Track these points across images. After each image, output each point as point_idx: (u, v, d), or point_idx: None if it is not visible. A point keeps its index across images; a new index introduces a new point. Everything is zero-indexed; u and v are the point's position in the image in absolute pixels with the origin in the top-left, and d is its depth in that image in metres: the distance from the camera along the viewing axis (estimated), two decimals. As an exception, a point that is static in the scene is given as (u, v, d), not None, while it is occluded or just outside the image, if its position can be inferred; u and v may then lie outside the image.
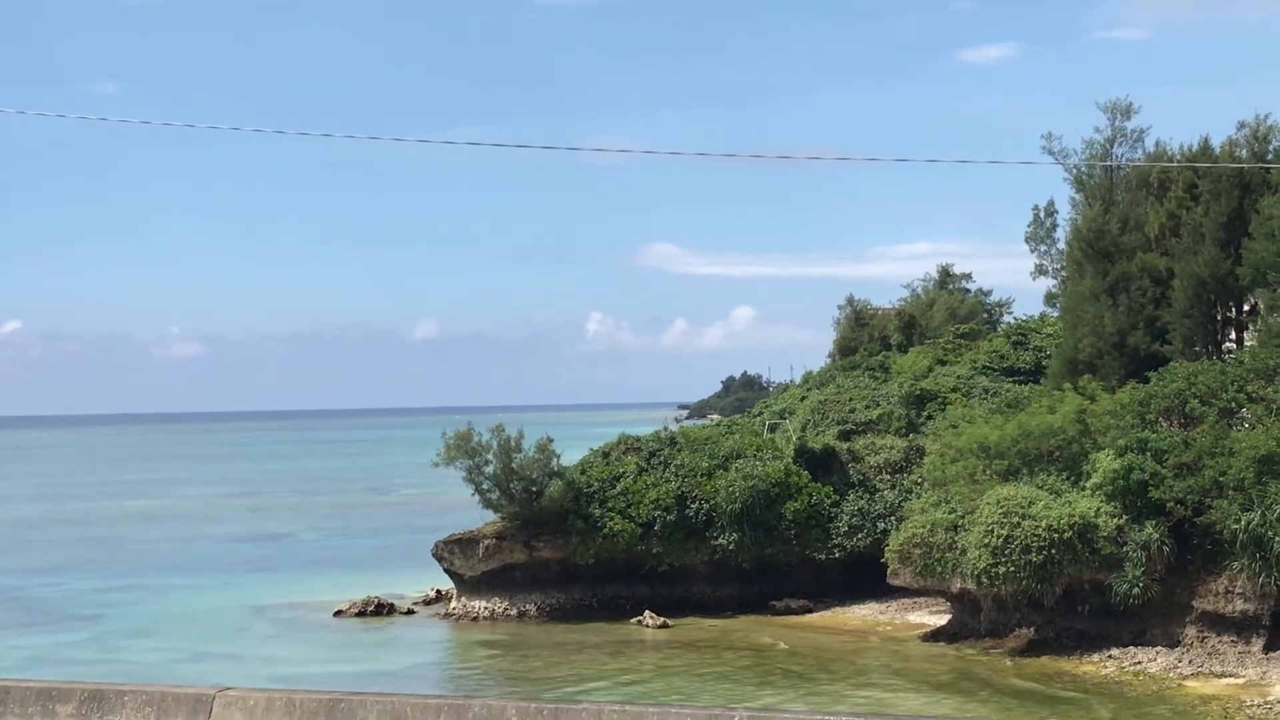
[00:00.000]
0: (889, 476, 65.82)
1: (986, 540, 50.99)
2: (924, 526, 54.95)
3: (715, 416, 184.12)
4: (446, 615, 65.30)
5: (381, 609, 66.07)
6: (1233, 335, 64.62)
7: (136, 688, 13.51)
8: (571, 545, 64.22)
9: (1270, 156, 63.37)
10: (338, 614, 65.70)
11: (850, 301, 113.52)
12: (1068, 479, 52.95)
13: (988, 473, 55.21)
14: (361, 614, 65.43)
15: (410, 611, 66.88)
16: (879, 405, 72.06)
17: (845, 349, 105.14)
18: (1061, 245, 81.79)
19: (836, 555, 64.47)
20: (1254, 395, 51.89)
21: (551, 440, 65.59)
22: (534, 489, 64.29)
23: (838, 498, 65.22)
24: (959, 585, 53.62)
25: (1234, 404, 52.17)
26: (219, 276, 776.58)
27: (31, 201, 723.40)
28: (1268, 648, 47.22)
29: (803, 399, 78.92)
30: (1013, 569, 50.46)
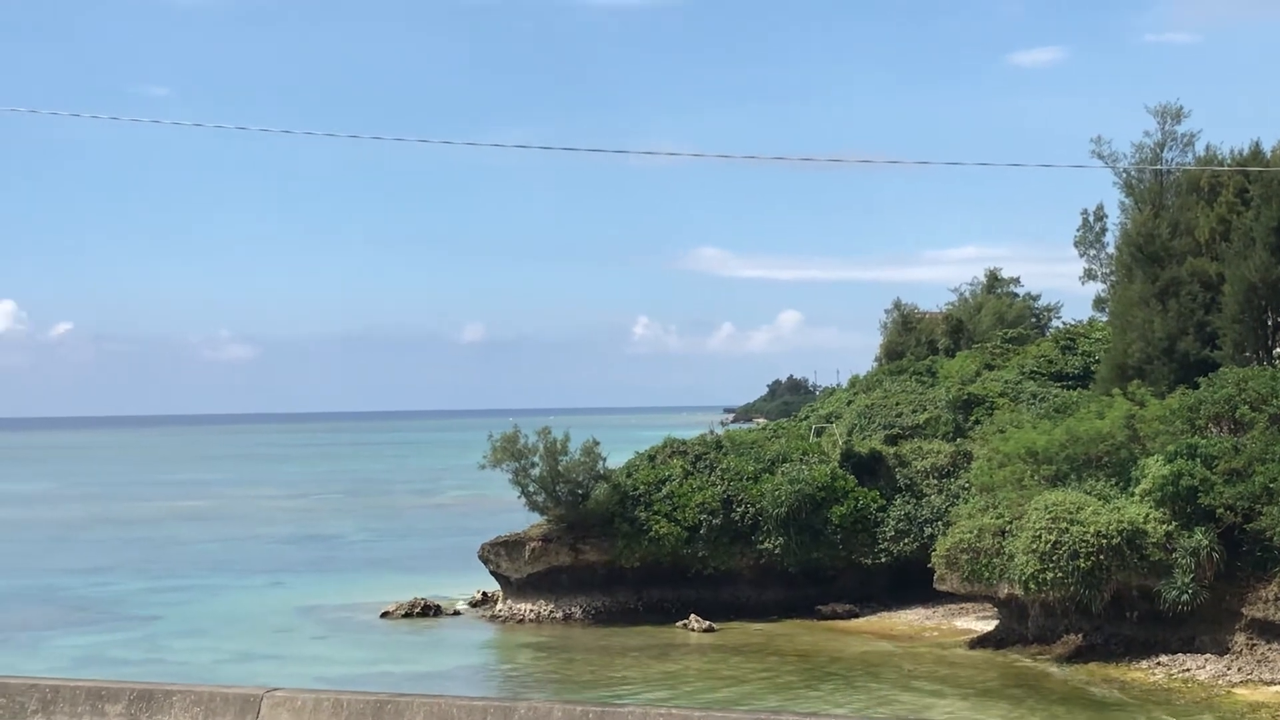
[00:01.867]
0: (936, 481, 65.55)
1: (1034, 546, 50.72)
2: (971, 532, 54.70)
3: (761, 420, 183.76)
4: (493, 617, 65.45)
5: (428, 610, 66.29)
6: (1284, 340, 64.04)
7: (185, 688, 13.60)
8: (617, 548, 64.24)
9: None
10: (385, 615, 65.94)
11: (897, 305, 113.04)
12: (1116, 485, 52.64)
13: (1036, 478, 54.93)
14: (408, 615, 65.66)
15: (457, 613, 67.07)
16: (926, 409, 71.81)
17: (892, 353, 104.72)
18: (1111, 250, 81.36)
19: (883, 560, 64.25)
20: (1305, 401, 51.43)
21: (597, 443, 65.65)
22: (580, 491, 64.37)
23: (884, 502, 64.99)
24: (1006, 591, 53.36)
25: (1285, 410, 51.71)
26: (269, 279, 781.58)
27: (83, 204, 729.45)
28: (1318, 656, 46.79)
29: (849, 403, 78.71)
30: (1061, 575, 50.18)
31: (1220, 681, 46.81)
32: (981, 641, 55.97)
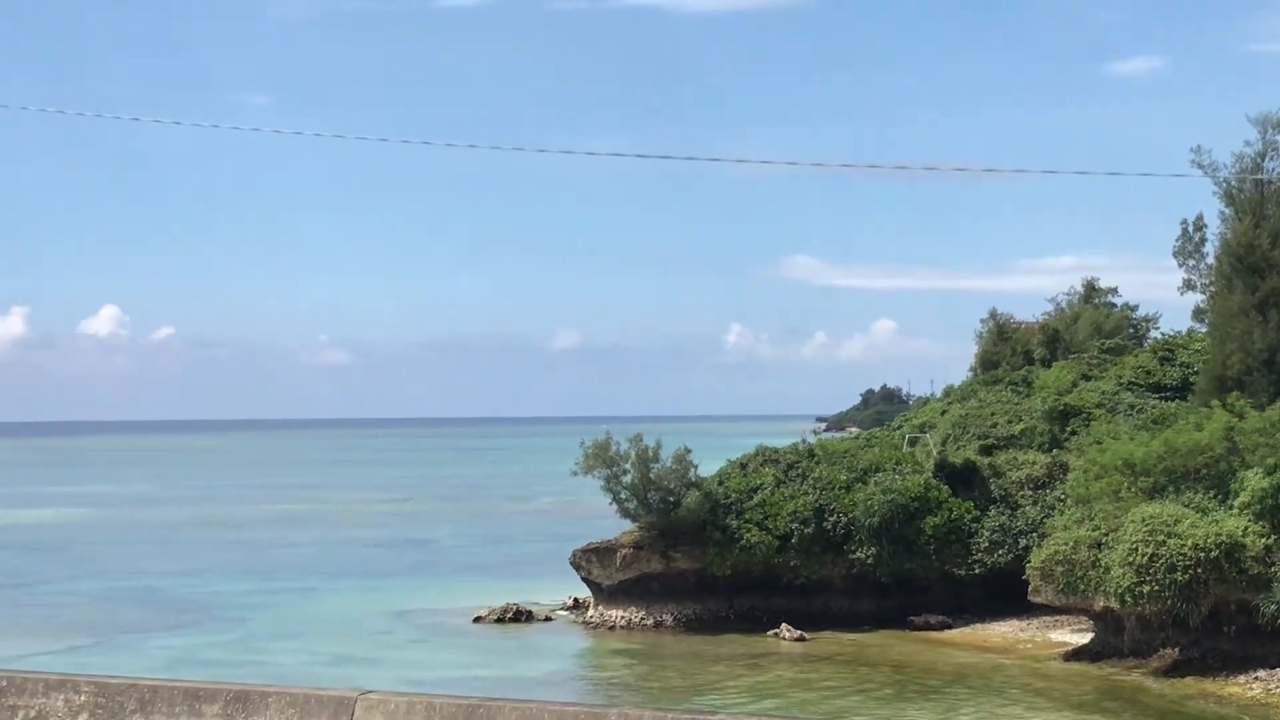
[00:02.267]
0: (1031, 492, 64.97)
1: (1131, 559, 50.18)
2: (1067, 544, 54.19)
3: (854, 429, 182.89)
4: (584, 623, 65.68)
5: (520, 616, 66.62)
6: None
7: (280, 689, 13.79)
8: (708, 556, 64.21)
9: None
10: (477, 620, 66.36)
11: (993, 315, 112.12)
12: (1215, 497, 51.96)
13: (1133, 490, 54.32)
14: (500, 620, 66.03)
15: (548, 619, 67.35)
16: (1021, 420, 71.23)
17: (987, 363, 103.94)
18: (1210, 260, 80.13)
19: (976, 571, 63.79)
20: None
21: (689, 451, 65.66)
22: (671, 499, 64.42)
23: (978, 513, 64.52)
24: (1102, 604, 52.82)
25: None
26: (366, 285, 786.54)
27: (185, 210, 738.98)
28: None
29: (943, 413, 78.23)
30: (1157, 588, 49.62)
31: (1321, 699, 46.07)
32: (1077, 654, 55.43)
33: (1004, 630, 61.71)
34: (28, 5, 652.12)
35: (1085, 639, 56.64)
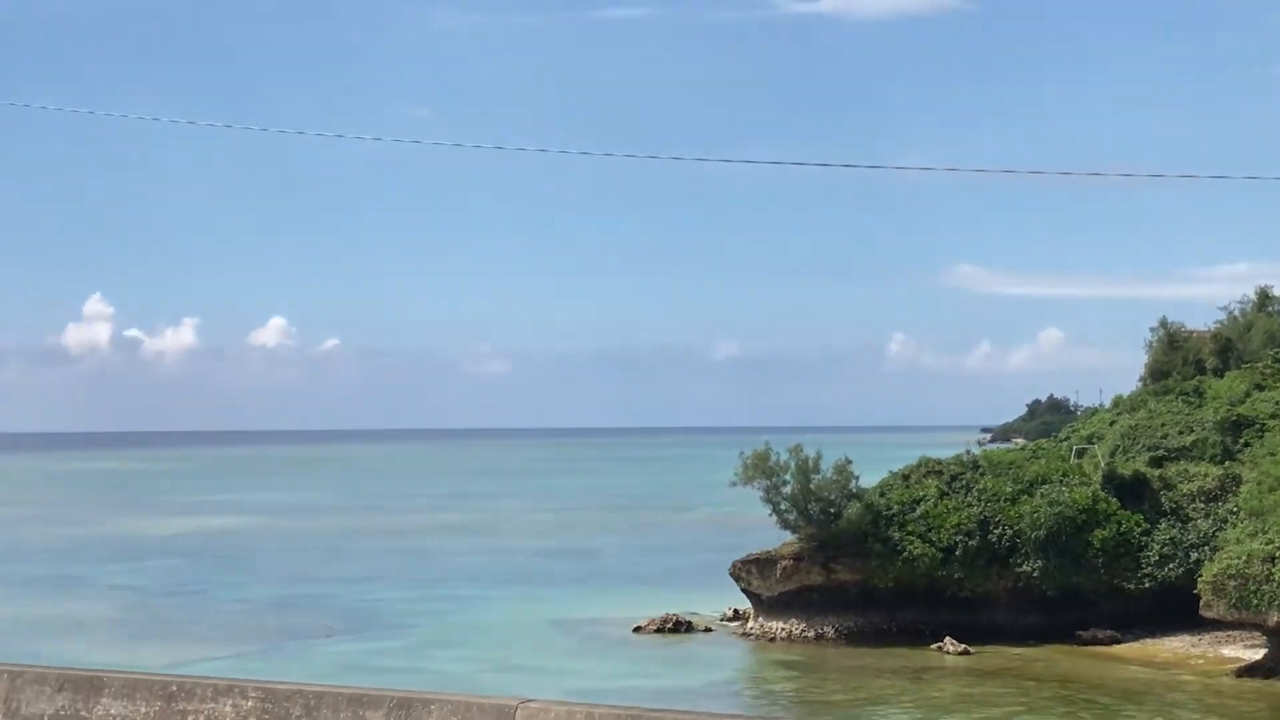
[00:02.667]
0: (1203, 505, 63.55)
1: (1307, 574, 48.79)
2: (1240, 557, 52.91)
3: (1020, 440, 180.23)
4: (744, 634, 65.52)
5: (680, 626, 66.65)
6: None
7: (442, 696, 13.87)
8: (870, 568, 63.72)
9: None
10: (637, 630, 66.51)
11: (1163, 323, 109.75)
12: (1397, 511, 50.34)
13: (1309, 503, 52.85)
14: (660, 631, 66.13)
15: (708, 630, 67.29)
16: (1193, 431, 69.72)
17: (1157, 373, 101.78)
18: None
19: (1146, 585, 62.54)
20: None
21: (850, 462, 65.27)
22: (832, 510, 64.05)
23: (1148, 526, 63.28)
24: (1276, 619, 51.48)
25: None
26: (527, 295, 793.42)
27: (349, 223, 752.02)
28: None
29: (1111, 423, 76.86)
30: (1335, 605, 48.18)
31: None
32: (1250, 670, 54.07)
33: (1174, 645, 60.41)
34: (194, 24, 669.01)
35: (1259, 655, 55.24)
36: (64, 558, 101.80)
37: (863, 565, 63.77)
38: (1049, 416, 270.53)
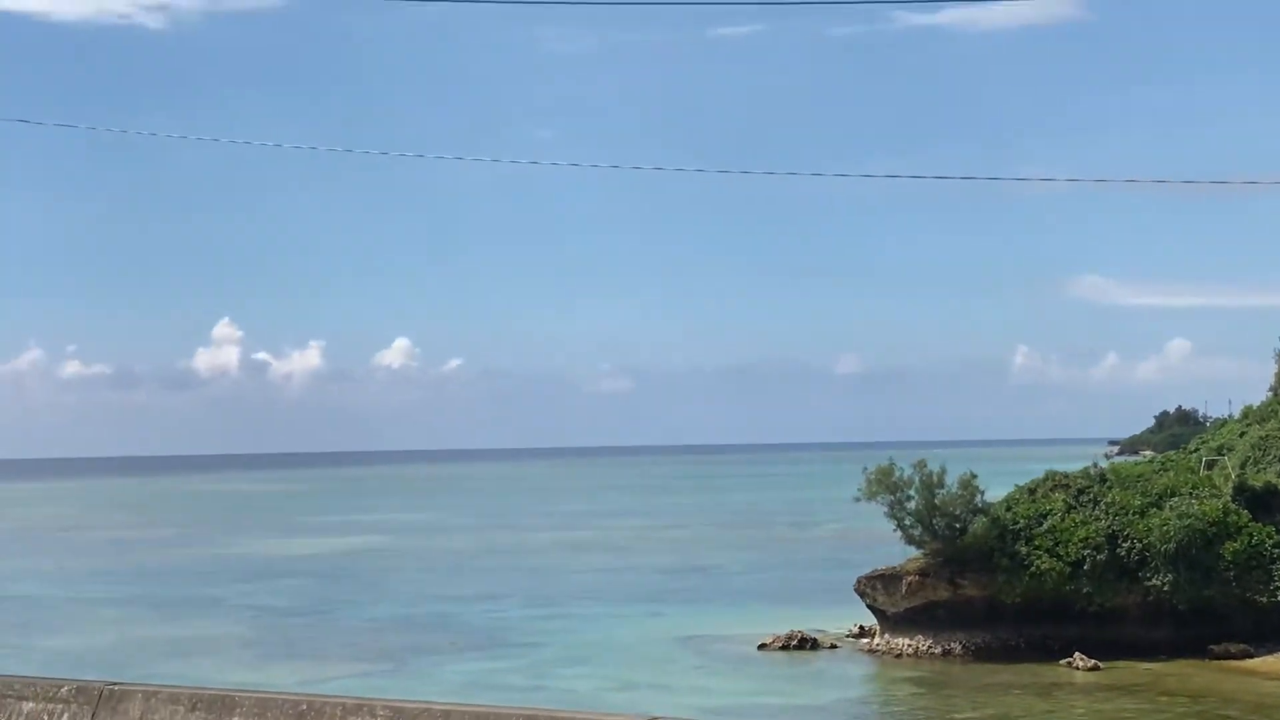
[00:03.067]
0: (1339, 517, 62.20)
1: None
2: (1378, 570, 51.67)
3: (1148, 453, 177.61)
4: (870, 651, 65.12)
5: (805, 643, 66.38)
6: None
7: (569, 713, 14.01)
8: (997, 584, 63.10)
9: None
10: (762, 647, 66.33)
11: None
12: None
13: None
14: (785, 648, 65.89)
15: (834, 646, 66.94)
16: (1326, 441, 68.25)
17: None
18: None
19: (1279, 598, 61.34)
20: None
21: (975, 476, 64.74)
22: (957, 525, 63.55)
23: (1281, 538, 62.07)
24: None
25: None
26: (648, 313, 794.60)
27: (471, 244, 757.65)
28: None
29: (1241, 434, 75.49)
30: None
31: None
32: (1391, 687, 52.75)
33: (1311, 660, 59.15)
34: (323, 48, 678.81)
35: (1401, 671, 53.88)
36: (195, 578, 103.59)
37: (989, 580, 63.16)
38: (1177, 428, 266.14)
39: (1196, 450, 79.84)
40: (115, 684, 16.41)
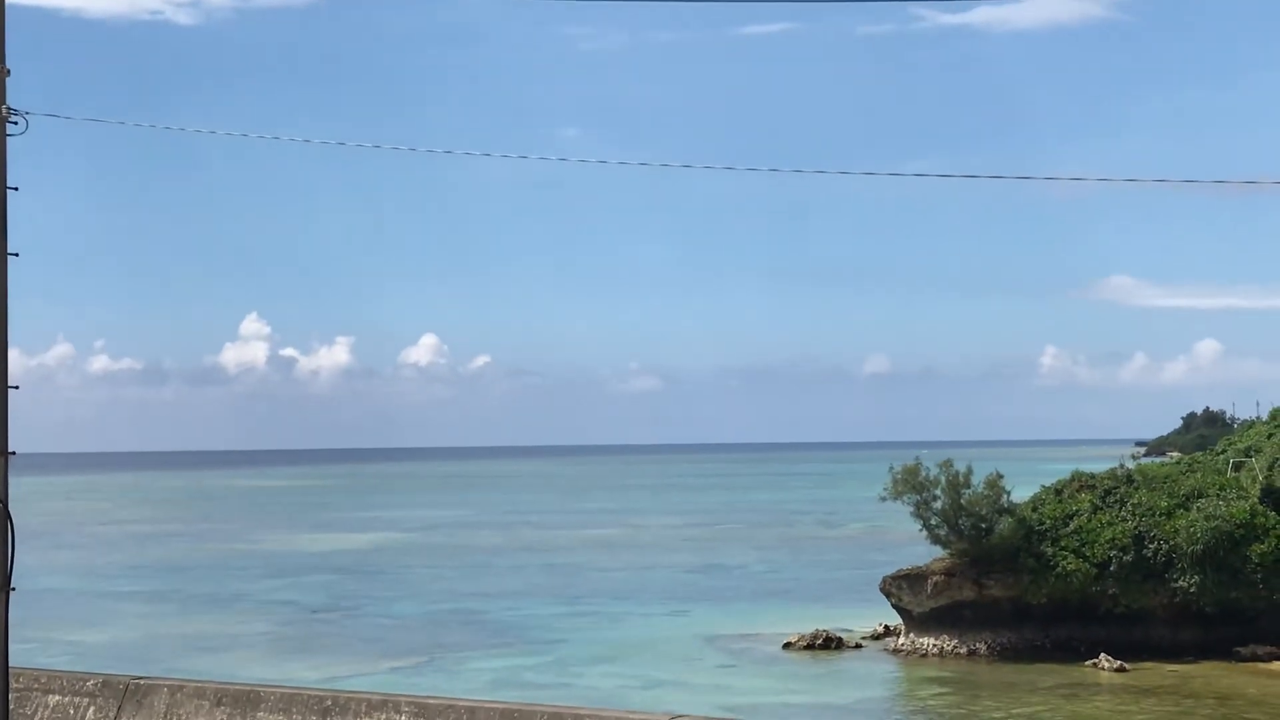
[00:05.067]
0: (1367, 519, 61.83)
1: None
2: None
3: (1175, 454, 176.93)
4: (895, 651, 65.00)
5: (830, 642, 66.31)
6: None
7: (592, 711, 14.02)
8: (1023, 584, 62.91)
9: None
10: (786, 646, 66.30)
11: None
12: None
13: None
14: (810, 647, 65.83)
15: (858, 646, 66.86)
16: (1355, 443, 67.88)
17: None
18: None
19: (1308, 601, 60.99)
20: None
21: (1001, 476, 64.59)
22: (983, 525, 63.36)
23: (1309, 540, 61.71)
24: None
25: None
26: (676, 313, 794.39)
27: (500, 241, 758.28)
28: None
29: (1269, 436, 75.22)
30: None
31: None
32: None
33: (1340, 664, 58.84)
34: (353, 45, 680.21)
35: None
36: (221, 574, 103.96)
37: (1015, 581, 62.98)
38: (1205, 430, 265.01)
39: (1224, 452, 79.58)
40: (141, 678, 16.50)
